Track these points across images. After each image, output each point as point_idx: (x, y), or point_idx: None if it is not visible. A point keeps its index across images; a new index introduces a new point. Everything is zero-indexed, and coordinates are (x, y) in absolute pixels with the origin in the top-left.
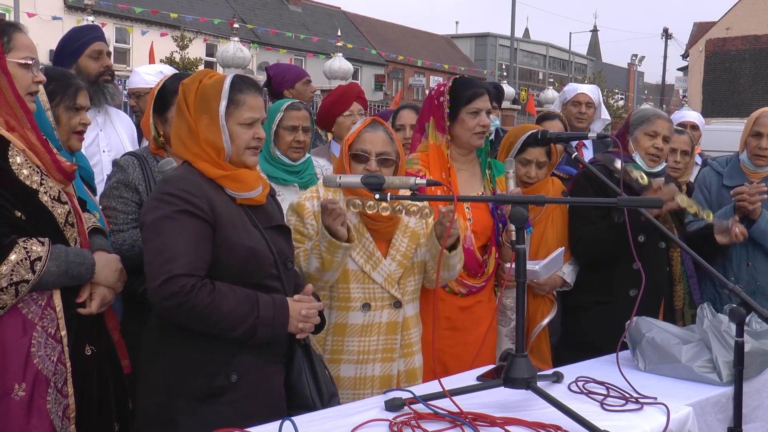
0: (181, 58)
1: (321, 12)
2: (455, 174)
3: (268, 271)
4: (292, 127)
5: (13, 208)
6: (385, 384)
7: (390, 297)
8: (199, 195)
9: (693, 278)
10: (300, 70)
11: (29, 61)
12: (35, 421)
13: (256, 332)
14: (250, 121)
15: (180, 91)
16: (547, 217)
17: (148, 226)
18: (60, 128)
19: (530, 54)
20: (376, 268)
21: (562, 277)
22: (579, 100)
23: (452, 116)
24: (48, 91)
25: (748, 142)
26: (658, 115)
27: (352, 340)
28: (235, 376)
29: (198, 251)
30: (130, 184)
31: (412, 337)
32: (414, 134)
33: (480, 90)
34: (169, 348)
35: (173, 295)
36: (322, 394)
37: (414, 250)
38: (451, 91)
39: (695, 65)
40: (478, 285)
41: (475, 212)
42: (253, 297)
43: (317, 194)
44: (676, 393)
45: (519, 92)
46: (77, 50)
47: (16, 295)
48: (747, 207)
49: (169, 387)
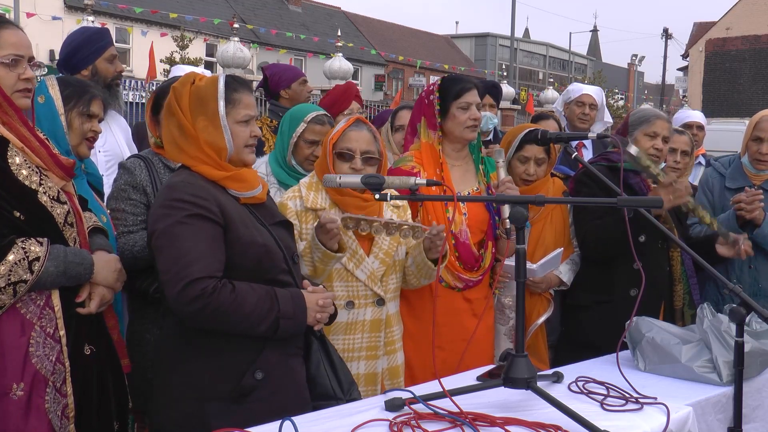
0: (181, 58)
1: (321, 12)
2: (448, 170)
3: (280, 267)
4: (312, 141)
5: (12, 208)
6: (370, 382)
7: (373, 294)
8: (208, 198)
9: (693, 278)
10: (297, 70)
11: (15, 58)
12: (33, 421)
13: (279, 327)
14: (246, 119)
15: (170, 95)
16: (545, 217)
17: (160, 234)
18: (71, 132)
19: (530, 54)
20: (359, 266)
21: (559, 277)
22: (583, 100)
23: (443, 112)
24: (64, 95)
25: (749, 146)
26: (658, 115)
27: (336, 338)
28: (261, 373)
29: (214, 253)
30: (138, 185)
31: (395, 335)
32: (406, 136)
33: (468, 84)
34: (193, 354)
35: (196, 299)
36: (341, 383)
37: (396, 248)
38: (440, 88)
39: (695, 65)
40: (474, 279)
41: (471, 207)
42: (272, 292)
43: (300, 194)
44: (676, 393)
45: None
46: (95, 52)
47: (14, 295)
48: (745, 216)
49: (197, 392)
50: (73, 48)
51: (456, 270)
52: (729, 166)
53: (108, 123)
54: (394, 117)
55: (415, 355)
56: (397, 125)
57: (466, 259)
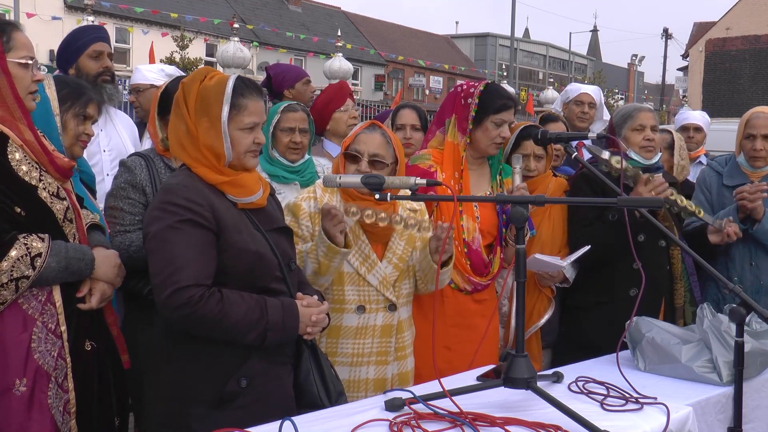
0: (181, 58)
1: (321, 12)
2: (468, 175)
3: (274, 274)
4: (289, 128)
5: (13, 204)
6: (378, 387)
7: (385, 300)
8: (202, 202)
9: (693, 276)
10: (300, 70)
11: (29, 60)
12: (36, 416)
13: (266, 337)
14: (251, 126)
15: (179, 91)
16: (543, 212)
17: (152, 237)
18: (66, 133)
19: (530, 54)
20: (371, 270)
21: (564, 273)
22: (582, 99)
23: (477, 120)
24: (60, 96)
25: (743, 144)
26: (639, 108)
27: (346, 342)
28: (245, 381)
29: (204, 260)
30: (138, 185)
31: (406, 340)
32: (431, 126)
33: (509, 102)
34: (179, 355)
35: (183, 306)
36: (330, 393)
37: (410, 254)
38: (481, 95)
39: (695, 65)
40: (483, 283)
41: (483, 211)
42: (262, 302)
43: (314, 195)
44: (676, 393)
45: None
46: (77, 50)
47: (16, 290)
48: (747, 205)
49: (180, 394)
50: (61, 48)
51: (466, 273)
52: (726, 165)
53: (112, 122)
54: (395, 116)
55: (424, 356)
56: (398, 124)
57: (476, 265)
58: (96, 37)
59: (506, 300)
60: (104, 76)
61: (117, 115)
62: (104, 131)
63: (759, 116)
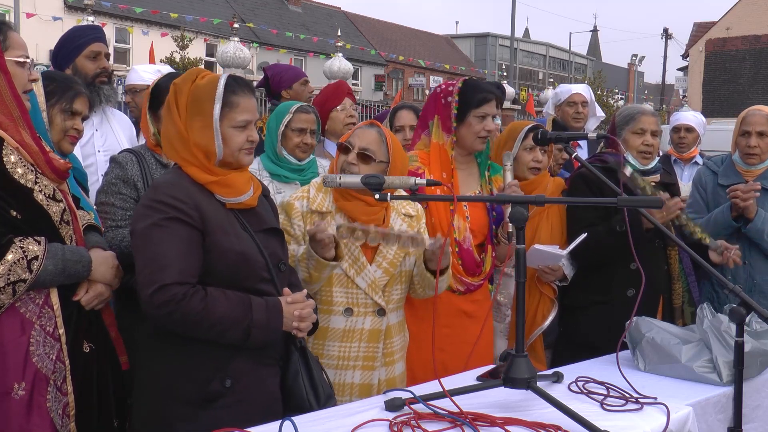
0: (181, 58)
1: (321, 12)
2: (457, 175)
3: (260, 275)
4: (300, 129)
5: (9, 207)
6: (364, 392)
7: (374, 304)
8: (188, 201)
9: (691, 276)
10: (298, 70)
11: (25, 59)
12: (35, 420)
13: (250, 336)
14: (243, 124)
15: (171, 91)
16: (541, 212)
17: (138, 234)
18: (52, 128)
19: (530, 54)
20: (360, 273)
21: (563, 270)
22: (575, 100)
23: (459, 117)
24: (47, 91)
25: (738, 141)
26: (642, 111)
27: (332, 344)
28: (230, 380)
29: (188, 259)
30: (129, 180)
31: (395, 346)
32: (416, 130)
33: (489, 95)
34: (164, 353)
35: (165, 304)
36: (318, 396)
37: (402, 258)
38: (460, 92)
39: (695, 65)
40: (476, 283)
41: (473, 211)
42: (246, 300)
43: (308, 195)
44: (676, 393)
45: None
46: (75, 50)
47: (13, 294)
48: (739, 204)
49: (164, 392)
50: (57, 47)
51: (458, 273)
52: (721, 164)
53: (109, 122)
54: (392, 117)
55: (417, 358)
56: (397, 125)
57: (468, 265)
58: (94, 37)
59: (509, 310)
60: (102, 77)
61: (114, 116)
62: (99, 131)
63: (755, 113)
